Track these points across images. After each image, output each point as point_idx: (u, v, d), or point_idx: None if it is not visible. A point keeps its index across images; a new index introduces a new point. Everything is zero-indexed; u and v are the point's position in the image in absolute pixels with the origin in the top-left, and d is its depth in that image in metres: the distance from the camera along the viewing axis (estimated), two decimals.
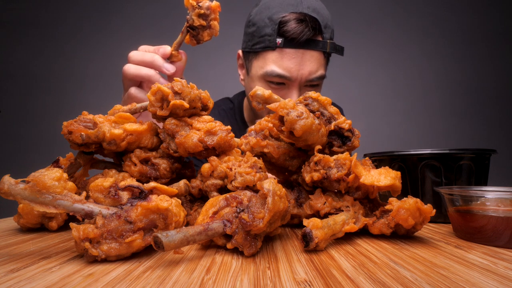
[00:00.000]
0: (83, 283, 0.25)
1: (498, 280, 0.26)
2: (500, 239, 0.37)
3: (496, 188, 0.44)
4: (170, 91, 0.44)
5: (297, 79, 0.89)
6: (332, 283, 0.25)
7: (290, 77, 0.88)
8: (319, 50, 0.88)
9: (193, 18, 0.58)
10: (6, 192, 0.30)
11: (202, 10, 0.58)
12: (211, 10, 0.59)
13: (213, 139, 0.45)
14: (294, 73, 0.88)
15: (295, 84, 0.90)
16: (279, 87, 0.91)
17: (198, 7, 0.58)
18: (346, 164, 0.43)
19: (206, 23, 0.59)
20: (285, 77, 0.88)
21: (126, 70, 0.63)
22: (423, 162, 0.54)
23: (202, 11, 0.58)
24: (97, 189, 0.35)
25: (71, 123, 0.43)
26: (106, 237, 0.31)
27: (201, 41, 0.61)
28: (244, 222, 0.32)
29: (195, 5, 0.58)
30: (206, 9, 0.58)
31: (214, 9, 0.59)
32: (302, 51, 0.87)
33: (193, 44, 0.62)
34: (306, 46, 0.87)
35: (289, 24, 0.85)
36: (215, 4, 0.59)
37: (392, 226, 0.39)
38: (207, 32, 0.60)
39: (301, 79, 0.89)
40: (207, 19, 0.59)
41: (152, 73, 0.62)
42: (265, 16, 0.88)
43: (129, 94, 0.64)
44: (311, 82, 0.91)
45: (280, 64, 0.87)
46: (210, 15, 0.59)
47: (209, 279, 0.26)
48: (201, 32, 0.60)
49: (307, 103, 0.48)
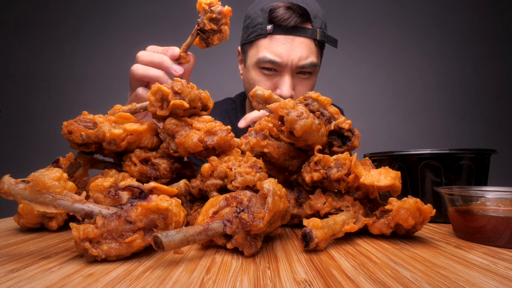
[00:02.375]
0: (83, 283, 0.25)
1: (498, 280, 0.26)
2: (500, 239, 0.37)
3: (496, 188, 0.44)
4: (170, 91, 0.44)
5: (288, 64, 0.91)
6: (332, 283, 0.25)
7: (280, 63, 0.91)
8: (309, 37, 0.91)
9: (205, 21, 0.58)
10: (6, 192, 0.30)
11: (214, 14, 0.58)
12: (223, 14, 0.59)
13: (213, 139, 0.45)
14: (285, 58, 0.90)
15: (286, 69, 0.92)
16: (272, 73, 0.94)
17: (210, 11, 0.58)
18: (346, 164, 0.43)
19: (217, 27, 0.59)
20: (276, 62, 0.91)
21: (135, 70, 0.63)
22: (423, 162, 0.54)
23: (213, 16, 0.58)
24: (97, 189, 0.35)
25: (71, 123, 0.43)
26: (106, 237, 0.31)
27: (211, 44, 0.61)
28: (244, 222, 0.32)
29: (207, 9, 0.58)
30: (218, 14, 0.58)
31: (225, 14, 0.59)
32: (292, 37, 0.90)
33: (202, 47, 0.62)
34: (295, 32, 0.90)
35: (278, 11, 0.90)
36: (227, 9, 0.59)
37: (392, 226, 0.39)
38: (217, 36, 0.60)
39: (292, 65, 0.91)
40: (218, 23, 0.59)
41: (160, 74, 0.62)
42: (258, 8, 0.93)
43: (136, 94, 0.64)
44: (303, 68, 0.93)
45: (271, 50, 0.91)
46: (221, 19, 0.59)
47: (209, 279, 0.26)
48: (211, 36, 0.60)
49: (307, 103, 0.48)
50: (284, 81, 0.92)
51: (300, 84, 0.95)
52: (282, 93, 0.92)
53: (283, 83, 0.92)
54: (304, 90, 0.96)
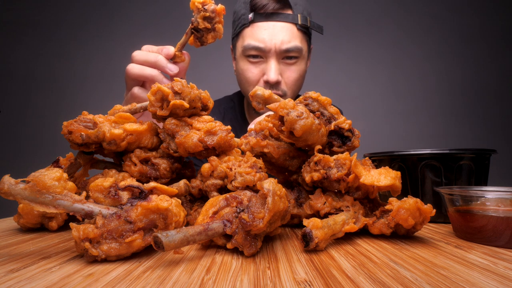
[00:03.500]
0: (83, 283, 0.25)
1: (498, 280, 0.26)
2: (500, 239, 0.37)
3: (496, 188, 0.44)
4: (170, 91, 0.44)
5: (272, 48, 0.93)
6: (332, 283, 0.25)
7: (264, 48, 0.93)
8: (289, 21, 0.93)
9: (198, 20, 0.58)
10: (6, 192, 0.30)
11: (207, 13, 0.58)
12: (216, 13, 0.59)
13: (213, 139, 0.45)
14: (268, 43, 0.92)
15: (271, 54, 0.94)
16: (258, 60, 0.96)
17: (203, 10, 0.58)
18: (346, 164, 0.43)
19: (211, 26, 0.59)
20: (260, 48, 0.93)
21: (130, 70, 0.63)
22: (423, 162, 0.54)
23: (207, 14, 0.58)
24: (97, 189, 0.35)
25: (71, 123, 0.43)
26: (106, 237, 0.31)
27: (205, 43, 0.61)
28: (244, 222, 0.32)
29: (200, 8, 0.58)
30: (211, 12, 0.58)
31: (219, 12, 0.59)
32: (273, 23, 0.93)
33: (196, 45, 0.62)
34: (276, 18, 0.93)
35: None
36: (220, 7, 0.59)
37: (392, 226, 0.39)
38: (212, 35, 0.60)
39: (276, 49, 0.93)
40: (212, 22, 0.59)
41: (155, 73, 0.63)
42: (242, 1, 0.98)
43: (132, 93, 0.64)
44: (288, 53, 0.94)
45: (255, 37, 0.94)
46: (215, 18, 0.59)
47: (209, 279, 0.26)
48: (206, 35, 0.60)
49: (307, 103, 0.48)
50: (270, 66, 0.94)
51: (287, 70, 0.97)
52: (268, 78, 0.93)
53: (269, 68, 0.94)
54: (293, 76, 0.97)
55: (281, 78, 0.96)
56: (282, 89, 0.96)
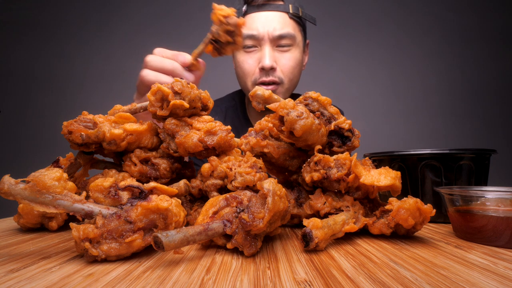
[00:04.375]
0: (83, 283, 0.25)
1: (498, 280, 0.26)
2: (500, 239, 0.37)
3: (496, 188, 0.44)
4: (170, 91, 0.44)
5: (265, 35, 0.96)
6: (332, 283, 0.25)
7: (257, 35, 0.96)
8: (281, 11, 0.98)
9: (220, 33, 0.58)
10: (6, 192, 0.30)
11: (230, 27, 0.58)
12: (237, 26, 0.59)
13: (213, 139, 0.45)
14: (261, 30, 0.96)
15: (264, 41, 0.97)
16: (253, 50, 0.99)
17: (226, 23, 0.58)
18: (346, 164, 0.43)
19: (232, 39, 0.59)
20: (253, 36, 0.97)
21: (145, 77, 0.62)
22: (423, 162, 0.54)
23: (229, 28, 0.58)
24: (97, 189, 0.35)
25: (71, 123, 0.43)
26: (106, 237, 0.31)
27: (223, 54, 0.61)
28: (244, 222, 0.32)
29: (223, 21, 0.58)
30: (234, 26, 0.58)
31: (240, 25, 0.59)
32: (265, 13, 0.98)
33: (214, 55, 0.62)
34: (267, 8, 0.98)
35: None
36: (241, 20, 0.59)
37: (392, 226, 0.39)
38: (231, 47, 0.61)
39: (269, 36, 0.96)
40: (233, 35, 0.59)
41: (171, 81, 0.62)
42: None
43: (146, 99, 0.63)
44: (281, 39, 0.97)
45: (248, 27, 0.98)
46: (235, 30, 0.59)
47: (209, 279, 0.26)
48: (225, 47, 0.60)
49: (307, 103, 0.48)
50: (264, 53, 0.96)
51: (282, 58, 0.99)
52: (263, 64, 0.95)
53: (263, 55, 0.96)
54: (289, 64, 0.99)
55: (276, 65, 0.97)
56: (278, 76, 0.98)
